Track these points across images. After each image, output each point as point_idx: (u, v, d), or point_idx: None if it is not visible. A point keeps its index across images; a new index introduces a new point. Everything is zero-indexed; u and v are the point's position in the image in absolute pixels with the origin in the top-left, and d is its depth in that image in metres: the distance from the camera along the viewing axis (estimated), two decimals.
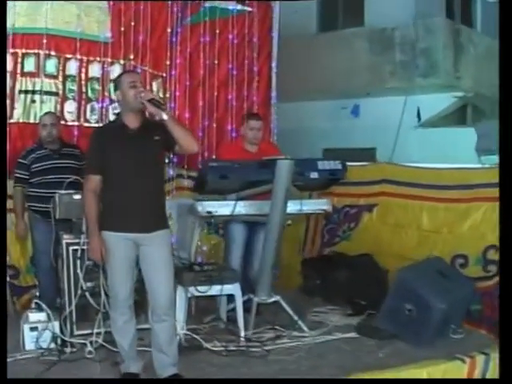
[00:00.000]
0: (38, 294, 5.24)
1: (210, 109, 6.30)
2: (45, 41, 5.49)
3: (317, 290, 5.72)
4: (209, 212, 4.49)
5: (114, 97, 5.67)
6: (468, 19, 9.65)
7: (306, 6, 9.65)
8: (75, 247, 4.12)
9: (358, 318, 4.99)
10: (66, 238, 4.16)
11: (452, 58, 8.91)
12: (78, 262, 4.12)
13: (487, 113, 9.42)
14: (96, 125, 5.78)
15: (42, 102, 5.54)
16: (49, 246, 4.60)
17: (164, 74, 6.15)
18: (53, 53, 5.58)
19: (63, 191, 4.24)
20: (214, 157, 5.96)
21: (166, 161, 6.01)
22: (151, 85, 6.07)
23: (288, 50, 7.43)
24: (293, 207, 4.67)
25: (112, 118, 5.83)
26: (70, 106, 5.69)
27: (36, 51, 5.51)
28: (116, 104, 5.69)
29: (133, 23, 5.87)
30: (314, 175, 4.62)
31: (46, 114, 5.05)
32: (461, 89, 9.22)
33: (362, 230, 6.25)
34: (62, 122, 5.54)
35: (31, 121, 5.53)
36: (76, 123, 5.70)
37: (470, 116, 9.60)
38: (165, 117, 3.43)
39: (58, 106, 5.63)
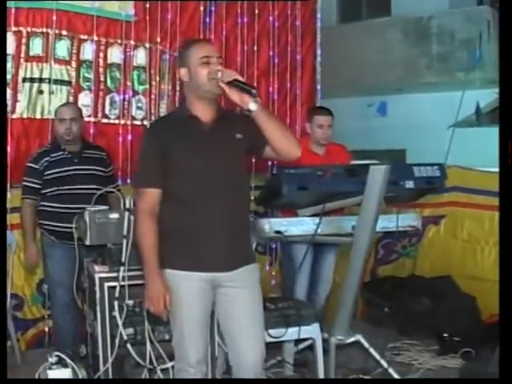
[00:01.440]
0: (46, 329, 4.38)
1: None
2: (55, 17, 4.41)
3: (386, 320, 4.80)
4: (278, 232, 3.49)
5: (137, 87, 4.75)
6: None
7: None
8: (112, 283, 3.07)
9: (452, 357, 4.12)
10: (99, 271, 3.11)
11: (496, 51, 8.01)
12: (116, 302, 3.06)
13: None
14: (116, 121, 4.75)
15: (51, 92, 4.47)
16: (68, 278, 3.59)
17: None
18: (64, 32, 4.51)
19: (93, 207, 3.18)
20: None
21: None
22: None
23: None
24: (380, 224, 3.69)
25: (137, 113, 4.81)
26: (86, 98, 4.63)
27: (44, 30, 4.43)
28: (141, 97, 4.74)
29: None
30: (410, 184, 3.64)
31: (64, 105, 4.02)
32: None
33: (427, 246, 5.43)
34: None
35: (38, 116, 4.48)
36: (92, 119, 4.64)
37: None
38: (253, 106, 2.43)
39: (71, 98, 4.56)
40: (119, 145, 4.71)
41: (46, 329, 4.43)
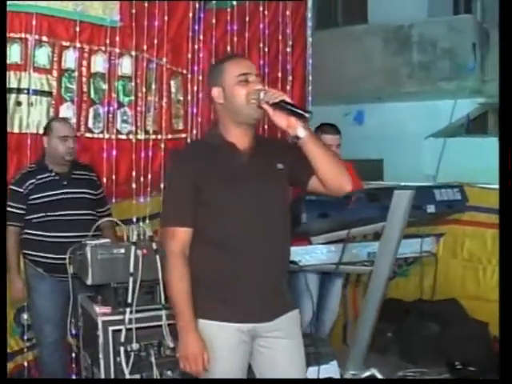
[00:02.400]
0: (25, 363, 3.95)
1: None
2: (34, 22, 4.00)
3: (389, 346, 4.54)
4: (293, 262, 3.18)
5: (123, 99, 4.38)
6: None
7: None
8: (117, 327, 2.71)
9: None
10: (102, 314, 2.74)
11: (479, 60, 7.92)
12: (121, 348, 2.71)
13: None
14: (100, 135, 4.36)
15: (30, 104, 4.06)
16: (57, 314, 3.27)
17: (184, 71, 4.76)
18: (45, 38, 4.09)
19: (95, 241, 2.81)
20: None
21: None
22: (169, 84, 4.69)
23: None
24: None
25: (122, 126, 4.44)
26: (67, 111, 4.21)
27: (22, 36, 4.02)
28: (126, 109, 4.37)
29: (146, 4, 4.45)
30: (431, 209, 3.41)
31: (61, 120, 3.63)
32: (485, 94, 8.22)
33: (425, 265, 5.15)
34: None
35: (15, 130, 4.05)
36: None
37: (493, 125, 8.61)
38: (302, 133, 2.11)
39: (52, 111, 4.16)
40: (103, 161, 4.31)
41: (26, 363, 4.01)
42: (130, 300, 2.69)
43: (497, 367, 3.89)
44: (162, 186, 4.53)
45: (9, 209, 3.33)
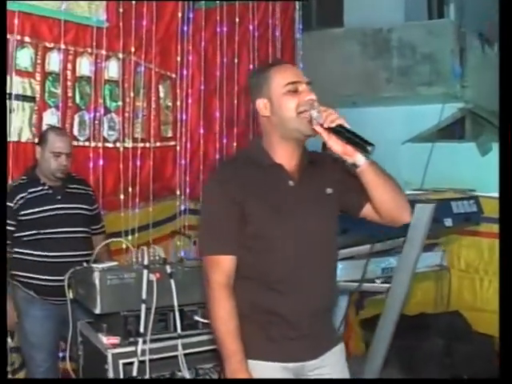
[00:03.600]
0: None
1: (229, 122, 4.73)
2: (16, 21, 3.67)
3: (391, 361, 4.35)
4: None
5: (109, 104, 4.11)
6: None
7: None
8: (128, 360, 2.45)
9: None
10: (111, 345, 2.47)
11: (458, 65, 7.84)
12: None
13: (486, 126, 8.42)
14: (86, 143, 4.06)
15: (11, 110, 3.73)
16: (50, 341, 3.00)
17: (173, 75, 4.51)
18: (27, 39, 3.78)
19: (102, 264, 2.53)
20: None
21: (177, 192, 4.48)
22: (157, 89, 4.42)
23: None
24: None
25: (109, 134, 4.16)
26: (51, 117, 3.91)
27: None
28: (113, 116, 4.10)
29: (134, 2, 4.18)
30: (448, 222, 3.26)
31: (59, 133, 3.28)
32: (463, 99, 8.17)
33: (420, 277, 5.02)
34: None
35: None
36: None
37: (470, 130, 8.57)
38: (361, 161, 1.86)
39: (35, 117, 3.84)
40: (89, 171, 4.02)
41: None
42: (142, 329, 2.42)
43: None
44: (151, 196, 4.30)
45: None
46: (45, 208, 3.04)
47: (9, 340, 3.41)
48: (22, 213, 3.02)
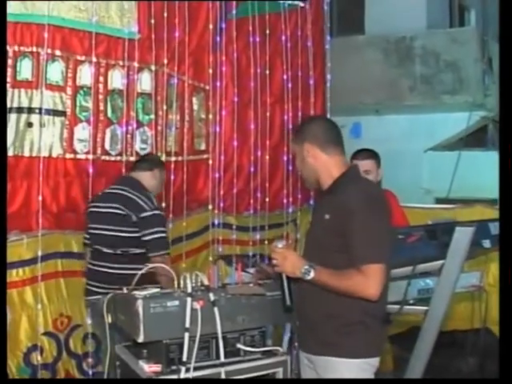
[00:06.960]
0: None
1: (263, 134, 4.63)
2: (46, 35, 3.61)
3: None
4: None
5: (142, 117, 4.04)
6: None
7: None
8: None
9: None
10: (153, 373, 2.37)
11: (481, 74, 7.72)
12: None
13: None
14: (118, 158, 3.98)
15: (42, 125, 3.67)
16: None
17: (207, 87, 4.42)
18: (58, 53, 3.72)
19: (143, 292, 2.44)
20: None
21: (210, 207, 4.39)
22: (191, 101, 4.33)
23: None
24: None
25: (141, 147, 4.08)
26: (83, 132, 3.85)
27: (34, 50, 3.65)
28: (146, 129, 4.04)
29: (166, 14, 4.10)
30: (487, 244, 3.18)
31: None
32: (486, 108, 8.04)
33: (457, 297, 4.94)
34: (71, 156, 3.78)
35: (26, 153, 3.67)
36: (91, 156, 3.85)
37: (492, 138, 8.44)
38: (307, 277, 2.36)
39: (66, 132, 3.77)
40: None
41: None
42: (185, 357, 2.34)
43: None
44: (184, 210, 4.22)
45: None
46: None
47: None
48: None
